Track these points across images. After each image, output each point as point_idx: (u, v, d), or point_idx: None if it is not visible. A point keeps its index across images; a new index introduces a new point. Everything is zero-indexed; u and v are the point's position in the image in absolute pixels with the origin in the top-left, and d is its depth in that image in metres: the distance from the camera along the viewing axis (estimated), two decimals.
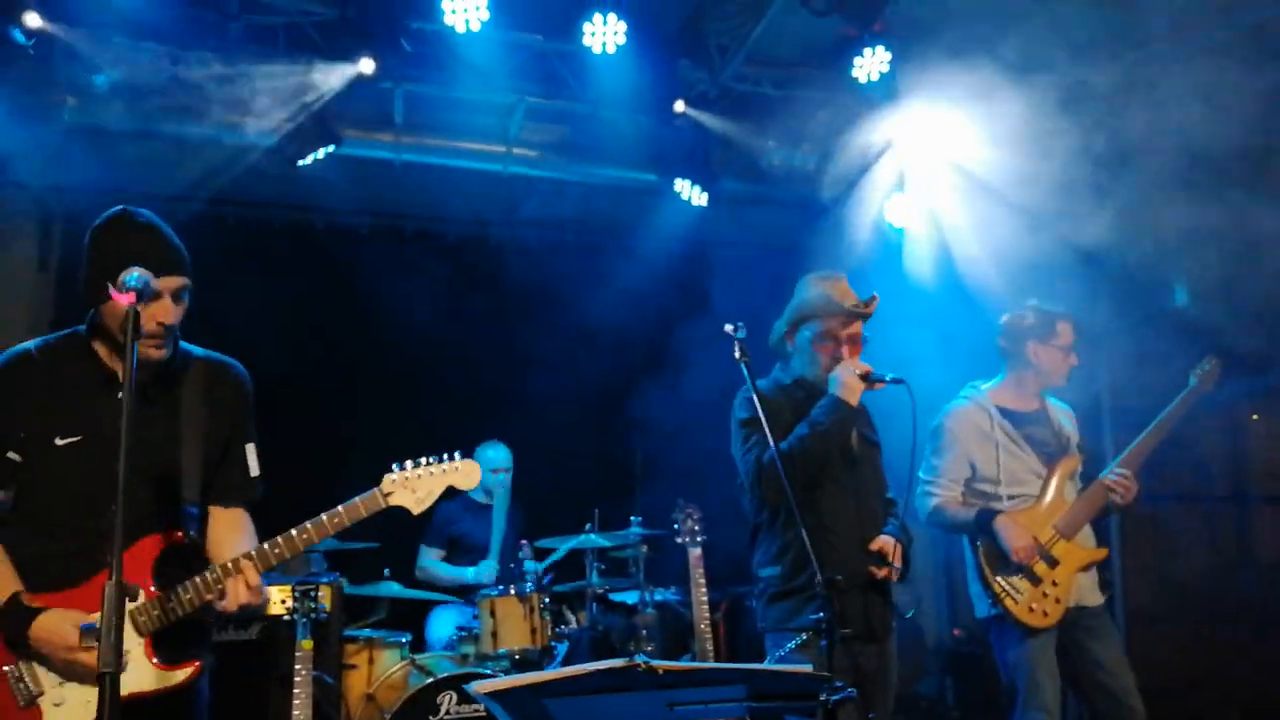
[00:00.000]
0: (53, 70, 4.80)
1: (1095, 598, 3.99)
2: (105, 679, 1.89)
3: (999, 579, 3.87)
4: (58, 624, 2.37)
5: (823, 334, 3.49)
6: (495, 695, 2.09)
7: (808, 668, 2.90)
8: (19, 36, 4.49)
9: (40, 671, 2.43)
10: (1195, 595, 5.82)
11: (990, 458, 4.00)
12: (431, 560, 5.65)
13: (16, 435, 2.51)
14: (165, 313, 2.47)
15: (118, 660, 1.90)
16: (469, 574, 5.47)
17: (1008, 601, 3.84)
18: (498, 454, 5.75)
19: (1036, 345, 4.07)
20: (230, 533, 2.64)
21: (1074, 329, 4.10)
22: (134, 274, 2.28)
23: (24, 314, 5.73)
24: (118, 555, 1.92)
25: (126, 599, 2.12)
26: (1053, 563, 3.88)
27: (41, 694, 2.42)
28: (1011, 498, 3.97)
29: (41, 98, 4.94)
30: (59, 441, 2.50)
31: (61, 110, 5.00)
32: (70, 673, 2.42)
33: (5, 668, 2.43)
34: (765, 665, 3.04)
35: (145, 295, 2.27)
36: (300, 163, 5.32)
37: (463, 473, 2.69)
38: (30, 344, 2.63)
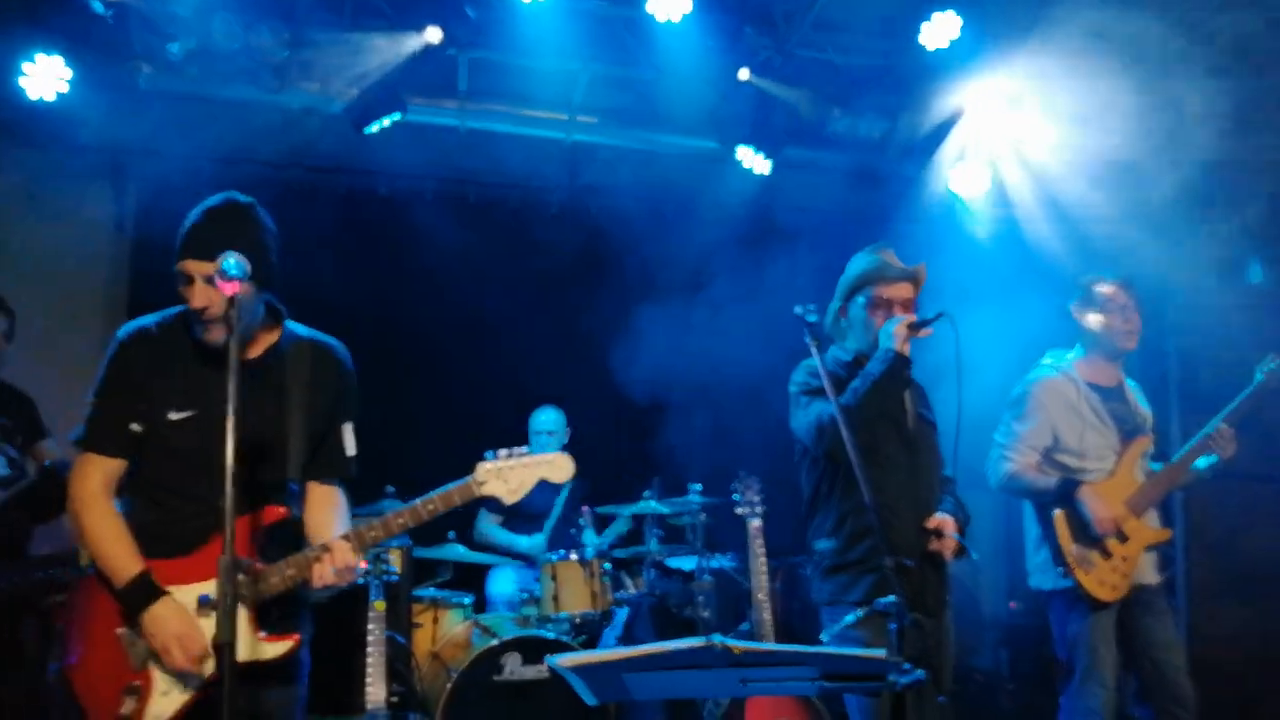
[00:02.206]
0: (129, 38, 4.87)
1: (1154, 577, 4.02)
2: (223, 650, 1.98)
3: (1075, 549, 3.88)
4: (171, 613, 2.48)
5: (874, 300, 3.52)
6: (575, 669, 2.16)
7: (878, 651, 2.93)
8: (98, 7, 4.57)
9: None
10: (1259, 575, 5.74)
11: (1075, 430, 4.01)
12: (489, 525, 5.73)
13: (137, 407, 2.61)
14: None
15: (233, 631, 1.99)
16: (522, 543, 5.54)
17: (1079, 573, 3.86)
18: (548, 416, 5.81)
19: (1090, 316, 4.07)
20: (325, 508, 2.74)
21: (1123, 288, 4.08)
22: (229, 260, 2.37)
23: (101, 276, 5.89)
24: (230, 532, 1.99)
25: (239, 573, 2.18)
26: (1123, 539, 3.90)
27: (153, 656, 2.52)
28: (1091, 471, 3.98)
29: (117, 65, 5.02)
30: (172, 416, 2.61)
31: (136, 77, 5.08)
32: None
33: (119, 630, 2.54)
34: (839, 649, 3.07)
35: (244, 280, 2.37)
36: (366, 129, 5.38)
37: (556, 466, 2.71)
38: (150, 319, 2.72)
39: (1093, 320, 4.07)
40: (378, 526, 2.58)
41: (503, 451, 2.66)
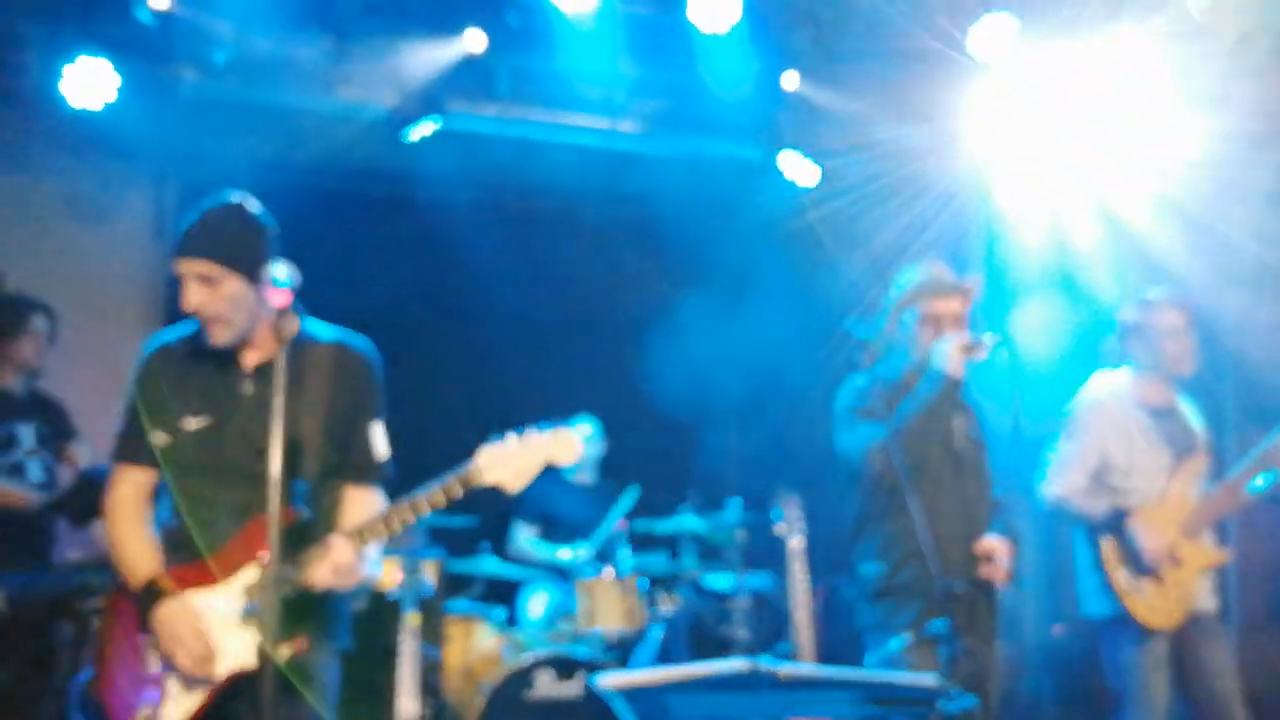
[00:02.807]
0: (173, 47, 4.92)
1: (1210, 603, 3.89)
2: (265, 659, 2.11)
3: (1124, 577, 3.76)
4: (175, 614, 2.48)
5: (924, 317, 3.43)
6: (619, 689, 2.09)
7: (929, 676, 2.84)
8: (144, 16, 4.63)
9: None
10: None
11: (1125, 451, 3.88)
12: (526, 537, 5.64)
13: (157, 419, 2.65)
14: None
15: (274, 642, 2.06)
16: (563, 555, 5.38)
17: (1130, 600, 3.73)
18: None
19: (1143, 343, 3.94)
20: (359, 512, 2.68)
21: (1177, 309, 3.93)
22: (275, 271, 2.43)
23: (139, 283, 5.92)
24: (275, 541, 2.07)
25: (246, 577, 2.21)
26: (1177, 564, 3.76)
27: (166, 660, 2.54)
28: (1141, 492, 3.85)
29: (161, 72, 5.07)
30: (189, 424, 2.63)
31: (179, 85, 5.12)
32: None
33: (145, 636, 2.55)
34: (889, 674, 2.99)
35: (293, 289, 2.43)
36: (406, 136, 5.40)
37: (560, 445, 2.48)
38: (170, 331, 2.78)
39: (1144, 344, 3.94)
40: (377, 522, 2.50)
41: (510, 434, 2.48)
